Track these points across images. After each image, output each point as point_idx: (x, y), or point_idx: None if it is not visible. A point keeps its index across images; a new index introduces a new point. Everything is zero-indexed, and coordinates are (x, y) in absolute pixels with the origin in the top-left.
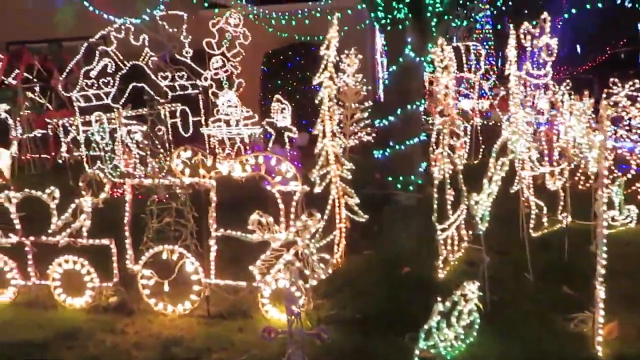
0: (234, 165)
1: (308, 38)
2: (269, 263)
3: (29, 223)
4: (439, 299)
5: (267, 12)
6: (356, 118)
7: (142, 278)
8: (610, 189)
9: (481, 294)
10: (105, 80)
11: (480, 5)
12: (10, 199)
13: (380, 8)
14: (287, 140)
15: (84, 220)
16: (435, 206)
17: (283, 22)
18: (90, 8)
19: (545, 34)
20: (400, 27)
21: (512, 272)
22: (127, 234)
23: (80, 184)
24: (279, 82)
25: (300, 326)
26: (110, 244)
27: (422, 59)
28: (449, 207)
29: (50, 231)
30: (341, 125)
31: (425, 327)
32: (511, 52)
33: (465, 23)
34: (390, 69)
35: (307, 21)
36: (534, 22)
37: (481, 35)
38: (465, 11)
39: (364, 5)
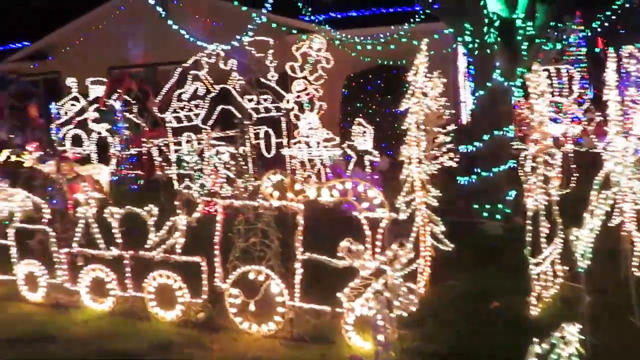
0: (322, 190)
1: (391, 62)
2: (357, 291)
3: (127, 237)
4: (536, 340)
5: (349, 36)
6: (438, 142)
7: (230, 296)
8: None
9: (582, 337)
10: (196, 103)
11: (573, 27)
12: (113, 214)
13: (469, 32)
14: (367, 163)
15: (178, 237)
16: (528, 239)
17: (369, 47)
18: (186, 35)
19: None
20: (488, 51)
21: (614, 314)
22: (217, 252)
23: (176, 202)
24: (359, 105)
25: (388, 357)
26: (201, 262)
27: (512, 83)
28: (542, 239)
29: (147, 246)
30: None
31: None
32: (611, 76)
33: (558, 46)
34: (478, 94)
35: (392, 46)
36: (637, 45)
37: (572, 57)
38: (556, 33)
39: (451, 30)
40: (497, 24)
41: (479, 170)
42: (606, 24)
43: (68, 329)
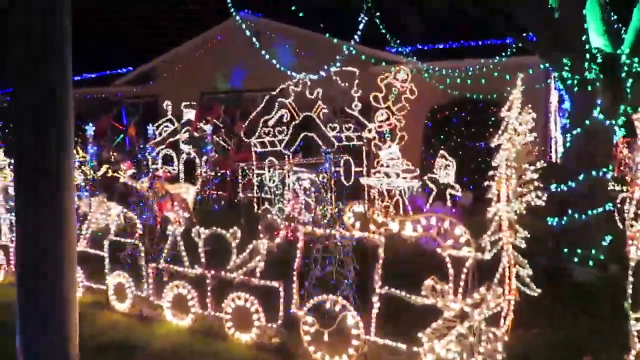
0: (405, 224)
1: (480, 96)
2: (439, 332)
3: (210, 257)
4: None
5: (437, 68)
6: (525, 179)
7: (305, 324)
8: None
9: None
10: (280, 129)
11: None
12: (199, 234)
13: (568, 68)
14: (448, 197)
15: (258, 261)
16: (629, 290)
17: (458, 81)
18: (277, 65)
19: None
20: (589, 87)
21: None
22: (294, 278)
23: (260, 227)
24: (442, 137)
25: None
26: (279, 287)
27: (613, 122)
28: None
29: (228, 267)
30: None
31: None
32: None
33: None
34: (575, 132)
35: (482, 80)
36: None
37: None
38: None
39: (546, 65)
40: (599, 59)
41: (572, 212)
42: None
43: (149, 341)
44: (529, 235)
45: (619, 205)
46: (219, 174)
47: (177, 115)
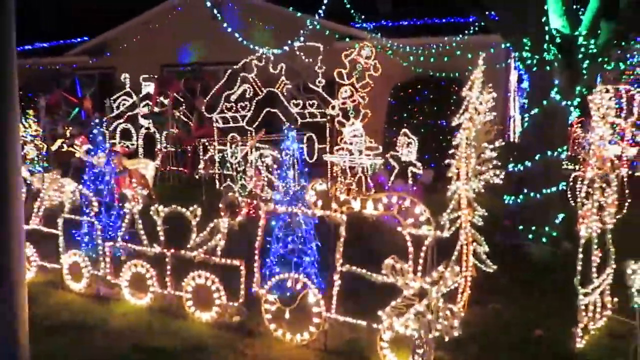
0: (367, 203)
1: (443, 74)
2: (399, 310)
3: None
4: None
5: (401, 45)
6: (483, 158)
7: (266, 302)
8: None
9: None
10: (243, 104)
11: (637, 46)
12: (158, 212)
13: (528, 48)
14: (410, 175)
15: (219, 239)
16: (579, 267)
17: (421, 58)
18: (239, 38)
19: None
20: (548, 68)
21: None
22: (256, 257)
23: (221, 205)
24: (405, 115)
25: None
26: (240, 265)
27: (569, 103)
28: (593, 269)
29: (188, 246)
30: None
31: None
32: None
33: (621, 66)
34: (532, 112)
35: (445, 58)
36: None
37: (632, 77)
38: (619, 52)
39: (507, 45)
40: (558, 40)
41: (528, 191)
42: None
43: (106, 321)
44: (486, 213)
45: (571, 184)
46: (180, 150)
47: (136, 89)
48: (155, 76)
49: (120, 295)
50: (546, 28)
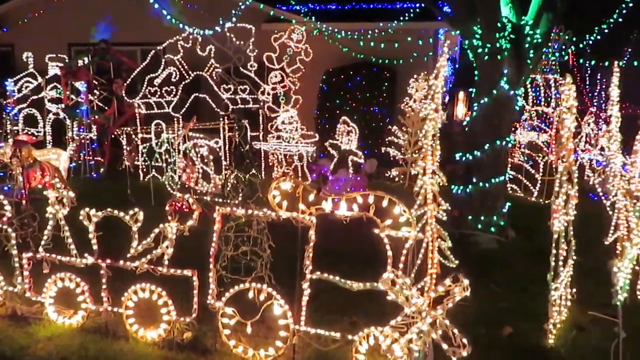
0: (340, 203)
1: (380, 61)
2: (399, 330)
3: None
4: None
5: (336, 30)
6: (420, 145)
7: (223, 316)
8: None
9: None
10: (168, 89)
11: (567, 37)
12: (90, 217)
13: (478, 36)
14: (351, 164)
15: (166, 247)
16: (552, 263)
17: (361, 43)
18: (168, 17)
19: None
20: (499, 57)
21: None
22: (211, 266)
23: (167, 208)
24: (338, 101)
25: None
26: (192, 276)
27: (516, 92)
28: (560, 263)
29: (129, 255)
30: (402, 151)
31: None
32: (614, 91)
33: (557, 56)
34: (482, 101)
35: (382, 44)
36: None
37: (556, 67)
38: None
39: (456, 32)
40: (508, 29)
41: (477, 180)
42: (599, 37)
43: (28, 348)
44: (449, 208)
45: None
46: (95, 138)
47: (41, 70)
48: (65, 57)
49: (43, 314)
50: (497, 16)
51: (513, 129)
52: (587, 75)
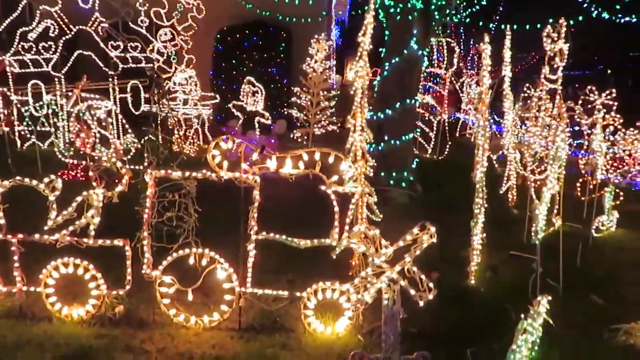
0: (285, 161)
1: (277, 16)
2: (368, 281)
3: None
4: (524, 315)
5: None
6: (322, 106)
7: (161, 285)
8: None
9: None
10: (46, 45)
11: (457, 2)
12: None
13: None
14: (257, 126)
15: (91, 217)
16: (476, 211)
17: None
18: None
19: (561, 39)
20: (410, 17)
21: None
22: (145, 234)
23: (91, 173)
24: (234, 61)
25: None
26: (124, 246)
27: (424, 52)
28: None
29: (46, 228)
30: (305, 112)
31: (514, 346)
32: (507, 53)
33: (455, 19)
34: (393, 60)
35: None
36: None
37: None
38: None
39: None
40: None
41: (389, 138)
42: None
43: None
44: (376, 164)
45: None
46: None
47: None
48: None
49: None
50: None
51: None
52: (461, 40)
